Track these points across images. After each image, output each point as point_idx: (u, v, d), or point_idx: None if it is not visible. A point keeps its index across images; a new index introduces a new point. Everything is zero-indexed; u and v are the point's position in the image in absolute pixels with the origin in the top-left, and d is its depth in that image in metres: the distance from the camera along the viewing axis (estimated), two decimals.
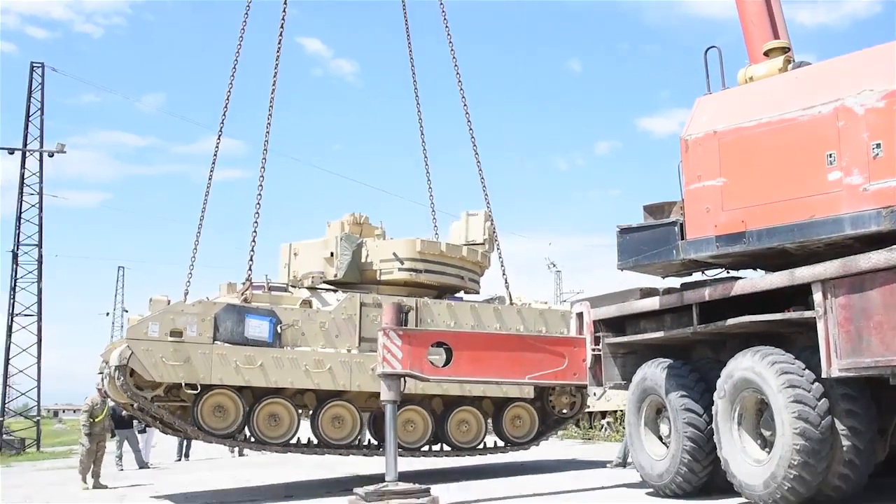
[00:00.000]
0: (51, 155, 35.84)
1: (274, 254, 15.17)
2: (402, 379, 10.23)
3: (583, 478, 12.98)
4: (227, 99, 13.94)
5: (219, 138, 14.00)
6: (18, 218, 35.36)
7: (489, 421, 14.61)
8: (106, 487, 15.13)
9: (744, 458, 8.52)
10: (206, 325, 12.05)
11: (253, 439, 12.75)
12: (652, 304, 10.02)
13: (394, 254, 14.04)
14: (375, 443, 14.48)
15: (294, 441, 13.05)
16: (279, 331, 12.49)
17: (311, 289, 13.61)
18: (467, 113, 15.50)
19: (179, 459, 22.46)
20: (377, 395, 13.06)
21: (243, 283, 12.90)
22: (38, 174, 35.84)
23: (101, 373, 13.51)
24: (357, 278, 14.06)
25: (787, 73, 9.06)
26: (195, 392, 12.06)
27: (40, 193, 35.78)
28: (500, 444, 14.75)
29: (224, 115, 13.92)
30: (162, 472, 18.87)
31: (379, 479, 9.76)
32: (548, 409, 14.87)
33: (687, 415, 9.39)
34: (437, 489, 9.75)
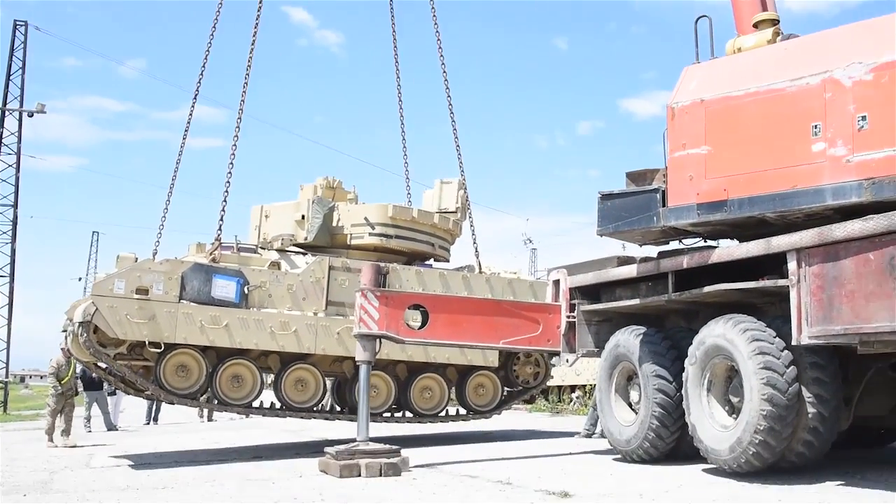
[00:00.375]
0: (30, 115, 35.68)
1: (248, 217, 15.11)
2: (378, 340, 10.31)
3: (550, 446, 13.16)
4: (204, 65, 13.69)
5: (194, 101, 13.75)
6: None
7: (452, 389, 14.61)
8: (76, 446, 15.11)
9: (711, 424, 8.70)
10: (172, 284, 11.92)
11: (215, 400, 12.67)
12: (629, 271, 10.17)
13: (365, 218, 14.01)
14: (339, 408, 14.52)
15: (257, 403, 13.01)
16: (246, 292, 12.38)
17: (281, 251, 13.59)
18: (446, 79, 15.36)
19: (148, 423, 22.45)
20: (342, 359, 13.27)
21: (212, 243, 12.80)
22: (16, 134, 35.64)
23: (64, 330, 13.35)
24: (327, 242, 14.01)
25: (777, 45, 9.17)
26: (158, 351, 11.95)
27: (18, 153, 35.61)
28: (463, 412, 14.80)
29: (199, 80, 13.64)
30: (130, 434, 18.86)
31: (346, 443, 9.82)
32: (511, 378, 14.90)
33: (657, 381, 9.56)
34: (406, 452, 9.83)
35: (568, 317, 10.91)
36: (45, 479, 9.95)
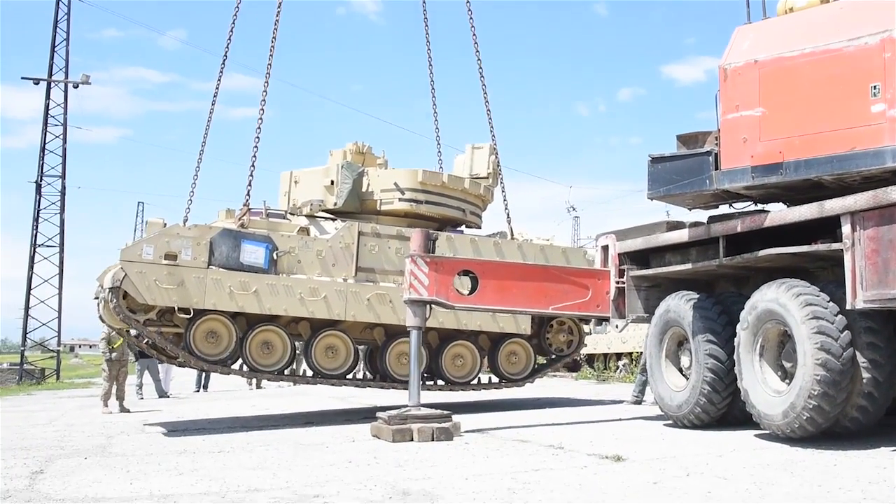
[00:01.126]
0: (76, 86, 36.17)
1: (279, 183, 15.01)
2: (428, 306, 10.37)
3: (599, 412, 13.20)
4: (230, 34, 13.62)
5: (222, 67, 13.68)
6: (42, 149, 35.68)
7: (485, 357, 14.44)
8: (129, 412, 15.39)
9: (764, 389, 8.64)
10: (201, 249, 11.89)
11: (245, 367, 12.68)
12: (679, 236, 10.11)
13: (395, 184, 13.88)
14: (370, 376, 14.46)
15: (287, 371, 12.98)
16: (275, 257, 12.34)
17: (310, 217, 13.48)
18: (475, 38, 15.14)
19: (198, 390, 22.81)
20: (372, 325, 13.24)
21: (241, 209, 12.74)
22: (62, 105, 36.11)
23: (96, 297, 13.29)
24: (357, 207, 13.89)
25: (832, 4, 8.96)
26: (188, 317, 11.97)
27: (64, 125, 36.17)
28: (495, 380, 14.66)
29: (227, 49, 13.60)
30: (182, 401, 19.17)
31: (397, 409, 9.89)
32: (545, 346, 14.78)
33: (708, 346, 9.53)
34: (455, 417, 9.90)
35: (617, 282, 10.90)
36: (103, 443, 10.16)
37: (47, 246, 35.83)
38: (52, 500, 6.20)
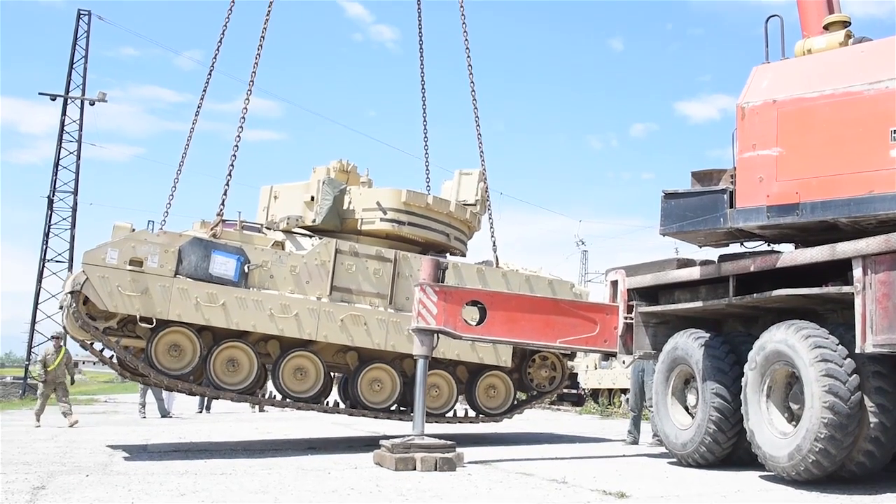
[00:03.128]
0: (92, 103, 36.44)
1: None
2: (435, 335, 10.34)
3: (603, 448, 13.15)
4: (215, 58, 13.43)
5: (208, 78, 13.54)
6: (56, 164, 35.88)
7: (465, 390, 13.88)
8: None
9: (770, 430, 8.60)
10: (168, 257, 11.27)
11: (209, 385, 12.00)
12: (689, 273, 10.09)
13: (377, 203, 13.22)
14: (342, 404, 13.66)
15: (253, 391, 12.41)
16: (246, 270, 11.73)
17: (287, 232, 12.81)
18: (469, 59, 14.69)
19: (201, 411, 22.75)
20: (345, 349, 12.73)
21: (214, 219, 12.16)
22: (78, 122, 36.34)
23: (61, 307, 12.26)
24: (337, 226, 13.16)
25: (853, 47, 9.01)
26: (150, 326, 11.27)
27: (79, 141, 36.44)
28: (472, 414, 14.07)
29: (213, 65, 13.44)
30: (184, 421, 19.13)
31: (401, 437, 9.84)
32: (525, 381, 14.26)
33: (715, 385, 9.49)
34: (458, 448, 9.84)
35: (625, 318, 10.88)
36: (105, 461, 10.12)
37: (56, 261, 36.01)
38: None
